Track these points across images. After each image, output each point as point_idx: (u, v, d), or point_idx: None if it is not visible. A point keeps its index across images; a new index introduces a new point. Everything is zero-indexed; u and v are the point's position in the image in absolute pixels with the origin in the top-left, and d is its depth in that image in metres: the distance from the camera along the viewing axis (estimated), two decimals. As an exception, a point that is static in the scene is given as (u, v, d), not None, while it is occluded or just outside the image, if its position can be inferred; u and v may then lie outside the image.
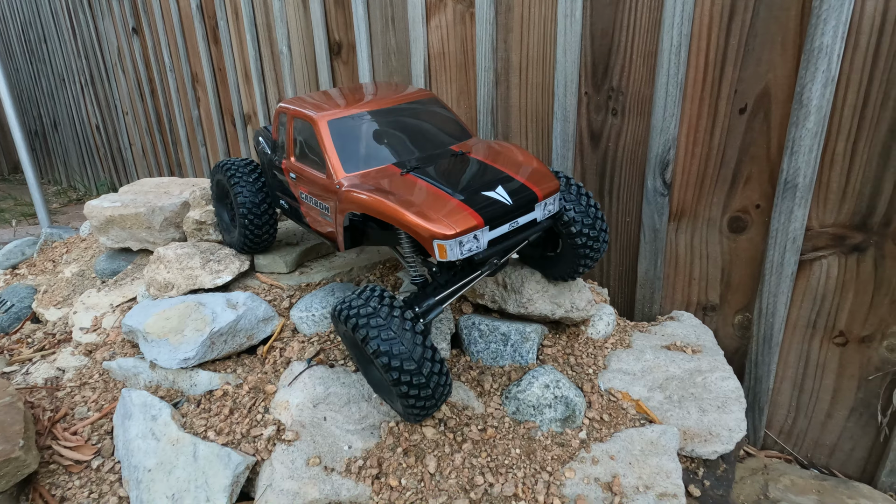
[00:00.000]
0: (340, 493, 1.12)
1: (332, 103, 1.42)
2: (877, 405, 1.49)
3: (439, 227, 1.04)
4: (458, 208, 1.07)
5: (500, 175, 1.19)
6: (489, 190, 1.13)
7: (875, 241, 1.40)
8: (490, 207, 1.10)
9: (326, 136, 1.31)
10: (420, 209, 1.07)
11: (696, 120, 1.61)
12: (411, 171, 1.22)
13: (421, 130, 1.40)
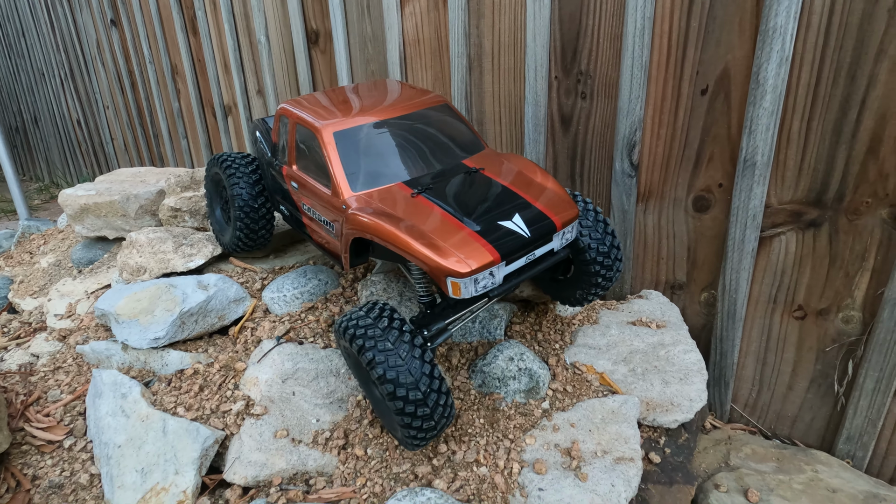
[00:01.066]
0: (307, 464, 1.14)
1: (338, 109, 1.33)
2: (834, 376, 1.55)
3: (454, 264, 0.98)
4: (473, 242, 1.01)
5: (517, 201, 1.13)
6: (506, 219, 1.07)
7: (829, 217, 1.45)
8: (507, 240, 1.04)
9: (332, 149, 1.22)
10: (432, 241, 1.01)
11: (661, 101, 1.65)
12: (423, 193, 1.15)
13: (432, 142, 1.31)
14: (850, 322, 1.49)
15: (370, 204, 1.15)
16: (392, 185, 1.20)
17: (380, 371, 0.99)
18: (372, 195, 1.18)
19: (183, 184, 2.01)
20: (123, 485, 1.14)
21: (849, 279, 1.46)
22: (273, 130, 1.50)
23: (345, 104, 1.38)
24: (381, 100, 1.40)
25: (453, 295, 1.00)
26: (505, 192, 1.16)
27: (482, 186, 1.19)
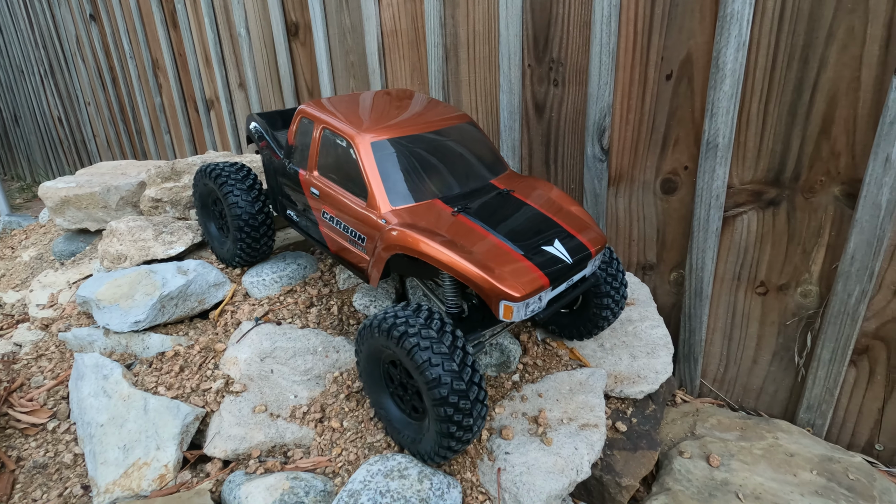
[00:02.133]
0: (285, 436, 1.19)
1: (368, 118, 1.30)
2: (794, 348, 1.62)
3: (509, 288, 0.98)
4: (525, 266, 1.02)
5: (554, 226, 1.15)
6: (549, 244, 1.09)
7: (787, 196, 1.52)
8: (553, 267, 1.05)
9: (369, 160, 1.19)
10: (487, 265, 1.00)
11: (629, 87, 1.71)
12: (463, 212, 1.14)
13: (463, 160, 1.30)
14: (808, 296, 1.56)
15: (412, 220, 1.12)
16: (430, 202, 1.17)
17: (434, 373, 0.95)
18: (411, 211, 1.15)
19: (163, 174, 2.04)
20: (106, 461, 1.18)
21: (806, 255, 1.53)
22: (290, 132, 1.42)
23: (374, 113, 1.34)
24: (411, 112, 1.37)
25: (504, 318, 1.01)
26: (540, 216, 1.17)
27: (517, 209, 1.19)
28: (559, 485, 1.05)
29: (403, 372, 1.07)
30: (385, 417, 1.14)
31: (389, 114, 1.34)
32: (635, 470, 1.26)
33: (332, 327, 1.46)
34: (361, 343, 1.11)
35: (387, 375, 1.13)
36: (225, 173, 1.52)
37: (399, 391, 1.11)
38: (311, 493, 1.04)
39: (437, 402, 0.96)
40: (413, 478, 1.03)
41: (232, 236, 1.53)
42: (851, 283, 1.45)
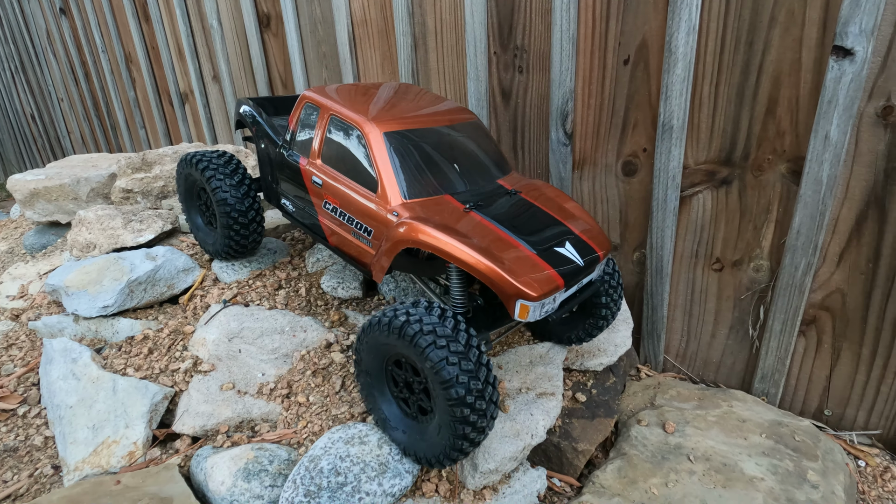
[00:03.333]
0: (252, 412, 1.23)
1: (378, 108, 1.25)
2: (749, 321, 1.70)
3: (527, 287, 0.97)
4: (541, 266, 1.02)
5: (564, 229, 1.15)
6: (560, 246, 1.10)
7: (738, 174, 1.59)
8: (566, 268, 1.05)
9: (381, 151, 1.15)
10: (503, 262, 0.99)
11: (589, 72, 1.76)
12: (475, 209, 1.13)
13: (471, 158, 1.28)
14: (759, 270, 1.64)
15: (424, 215, 1.09)
16: (440, 197, 1.15)
17: (451, 373, 0.92)
18: (423, 205, 1.12)
19: (134, 165, 2.05)
20: (76, 440, 1.21)
21: (757, 231, 1.61)
22: (292, 119, 1.37)
23: (383, 103, 1.30)
24: (419, 106, 1.34)
25: (519, 317, 0.99)
26: (549, 218, 1.17)
27: (526, 210, 1.18)
28: (514, 448, 1.11)
29: (410, 371, 1.04)
30: (383, 420, 1.09)
31: (399, 105, 1.31)
32: (592, 436, 1.32)
33: (300, 308, 1.49)
34: (364, 341, 1.06)
35: (390, 376, 1.09)
36: (211, 163, 1.46)
37: (404, 392, 1.07)
38: (276, 462, 1.08)
39: (453, 403, 0.93)
40: (373, 444, 1.07)
41: (220, 229, 1.47)
42: (798, 256, 1.52)
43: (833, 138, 1.38)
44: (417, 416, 1.06)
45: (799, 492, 1.24)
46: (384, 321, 1.00)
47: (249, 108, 1.54)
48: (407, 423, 1.07)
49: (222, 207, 1.43)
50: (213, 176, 1.44)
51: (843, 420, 1.62)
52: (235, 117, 1.60)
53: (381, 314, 1.02)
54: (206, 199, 1.54)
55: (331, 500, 0.97)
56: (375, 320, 1.02)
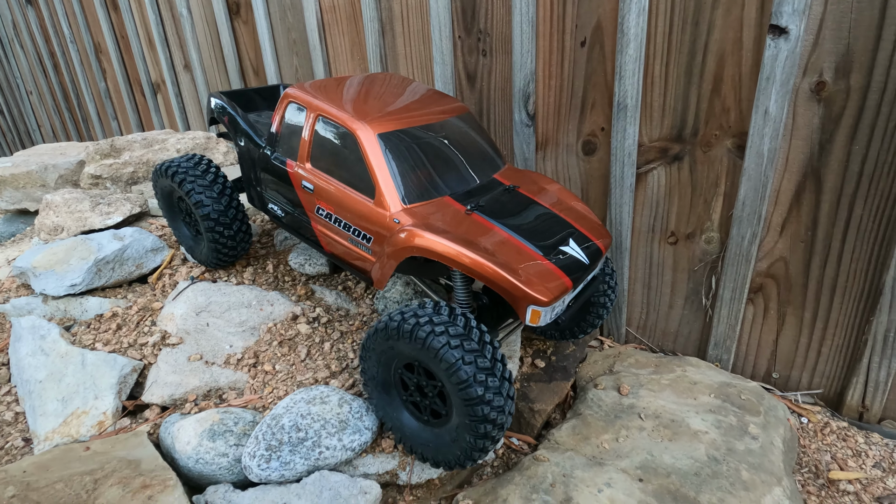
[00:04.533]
0: (219, 381, 1.28)
1: (368, 106, 1.20)
2: (702, 291, 1.80)
3: (538, 292, 0.96)
4: (549, 269, 1.01)
5: (566, 225, 1.15)
6: (565, 244, 1.09)
7: (689, 150, 1.68)
8: (573, 267, 1.05)
9: (376, 154, 1.10)
10: (513, 268, 0.98)
11: (549, 54, 1.83)
12: (476, 211, 1.11)
13: (467, 154, 1.25)
14: (711, 242, 1.73)
15: (427, 220, 1.06)
16: (440, 199, 1.12)
17: (468, 372, 0.91)
18: (424, 209, 1.09)
19: (102, 152, 2.07)
20: (45, 413, 1.25)
21: (707, 204, 1.70)
22: (275, 119, 1.29)
23: (372, 100, 1.25)
24: (410, 101, 1.29)
25: (531, 322, 0.99)
26: (549, 214, 1.16)
27: (526, 207, 1.17)
28: (468, 404, 1.17)
29: (423, 375, 1.02)
30: (398, 428, 1.08)
31: (389, 101, 1.26)
32: (548, 398, 1.40)
33: (268, 284, 1.54)
34: (370, 348, 1.04)
35: (400, 382, 1.07)
36: (182, 170, 1.40)
37: (416, 397, 1.06)
38: (240, 423, 1.14)
39: (471, 402, 0.92)
40: (333, 403, 1.13)
41: (206, 240, 1.42)
42: (744, 226, 1.62)
43: (772, 113, 1.47)
44: (431, 421, 1.05)
45: (739, 442, 1.34)
46: (392, 326, 0.98)
47: (222, 103, 1.48)
48: (423, 430, 1.06)
49: (203, 216, 1.38)
50: (193, 189, 1.37)
51: (790, 381, 1.73)
52: (208, 114, 1.55)
53: (389, 318, 0.99)
54: (188, 209, 1.49)
55: (291, 454, 1.03)
56: (383, 325, 1.00)
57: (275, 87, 1.82)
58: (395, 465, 1.12)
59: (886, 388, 1.54)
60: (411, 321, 0.96)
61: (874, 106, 1.36)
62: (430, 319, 0.95)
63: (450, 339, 0.93)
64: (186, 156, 1.46)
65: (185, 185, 1.38)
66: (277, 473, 1.02)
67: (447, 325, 0.95)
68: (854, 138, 1.41)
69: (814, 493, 1.40)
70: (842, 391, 1.62)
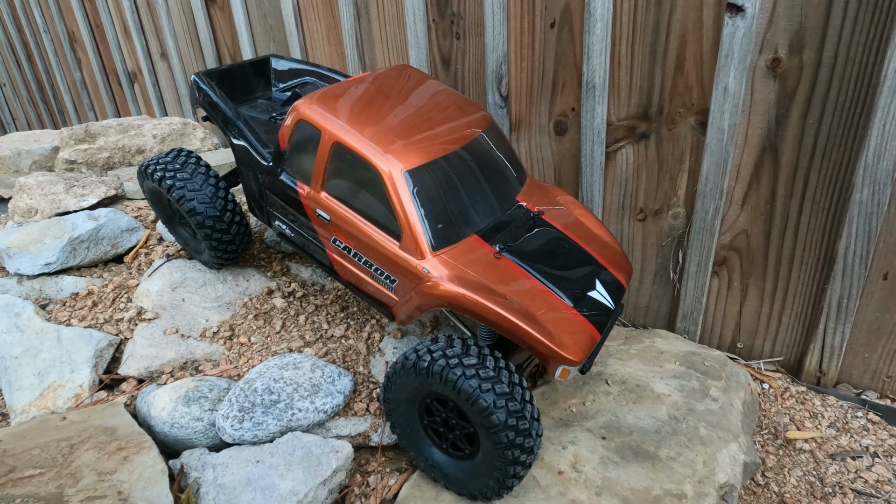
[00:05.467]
0: (195, 353, 1.31)
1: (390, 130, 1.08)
2: (670, 266, 1.86)
3: (570, 353, 0.97)
4: (578, 323, 1.01)
5: (592, 262, 1.13)
6: (592, 289, 1.08)
7: (655, 128, 1.74)
8: (600, 316, 1.05)
9: (405, 195, 1.02)
10: (545, 327, 0.97)
11: (520, 36, 1.88)
12: (504, 253, 1.07)
13: (492, 177, 1.19)
14: (677, 218, 1.80)
15: (458, 271, 1.02)
16: (469, 240, 1.08)
17: (487, 400, 0.92)
18: (454, 256, 1.04)
19: (77, 137, 2.07)
20: (22, 387, 1.27)
21: (673, 181, 1.76)
22: (282, 136, 1.16)
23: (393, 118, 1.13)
24: (434, 115, 1.19)
25: (559, 378, 1.00)
26: (575, 248, 1.15)
27: (552, 240, 1.15)
28: (437, 368, 1.22)
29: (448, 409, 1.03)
30: (432, 467, 1.08)
31: (412, 119, 1.14)
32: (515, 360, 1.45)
33: (244, 260, 1.57)
34: (392, 388, 1.04)
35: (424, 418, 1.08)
36: (169, 172, 1.27)
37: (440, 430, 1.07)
38: (215, 390, 1.17)
39: (495, 429, 0.92)
40: (306, 368, 1.17)
41: (202, 240, 1.34)
42: (707, 201, 1.68)
43: (731, 90, 1.53)
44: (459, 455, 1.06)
45: (700, 404, 1.41)
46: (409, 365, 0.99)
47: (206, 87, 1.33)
48: (452, 465, 1.07)
49: (202, 229, 1.28)
50: (183, 196, 1.26)
51: (753, 350, 1.80)
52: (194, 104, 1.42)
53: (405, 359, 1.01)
54: (181, 211, 1.36)
55: (264, 415, 1.07)
56: (401, 365, 1.02)
57: (264, 59, 1.66)
58: (368, 428, 1.17)
59: (841, 353, 1.62)
60: (426, 358, 0.98)
61: (825, 81, 1.43)
62: (444, 352, 0.97)
63: (464, 370, 0.94)
64: (170, 153, 1.34)
65: (173, 191, 1.27)
66: (250, 434, 1.06)
67: (461, 356, 0.96)
68: (808, 113, 1.48)
69: (772, 453, 1.47)
70: (801, 358, 1.70)
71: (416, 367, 0.98)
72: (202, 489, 0.99)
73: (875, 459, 1.43)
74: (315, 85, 1.67)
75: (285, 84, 1.65)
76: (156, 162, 1.31)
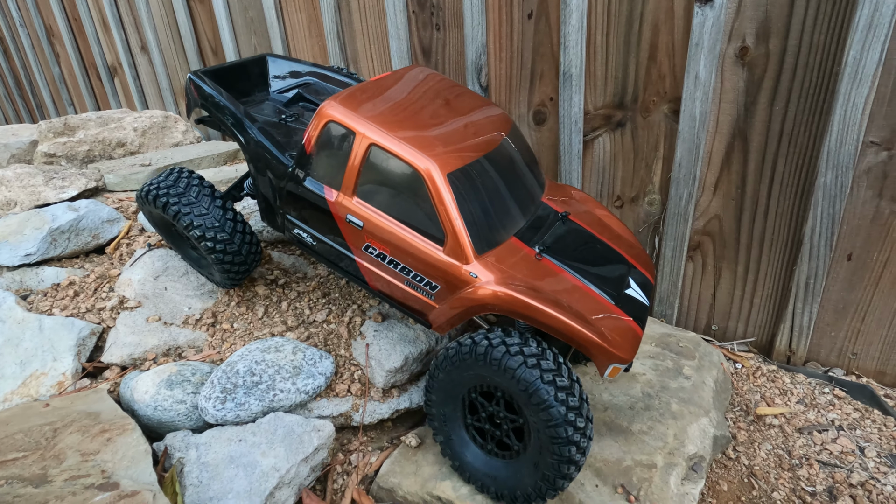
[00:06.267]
0: (178, 339, 1.33)
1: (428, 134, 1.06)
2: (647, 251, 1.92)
3: (622, 352, 0.98)
4: (624, 321, 1.02)
5: (623, 261, 1.15)
6: (628, 287, 1.10)
7: (630, 117, 1.79)
8: (640, 313, 1.07)
9: (448, 199, 1.00)
10: (598, 328, 0.98)
11: (498, 27, 1.91)
12: (545, 254, 1.07)
13: (521, 180, 1.18)
14: (653, 204, 1.85)
15: (505, 273, 1.01)
16: (509, 242, 1.07)
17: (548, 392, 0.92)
18: (498, 258, 1.04)
19: (56, 130, 2.06)
20: (4, 376, 1.28)
21: (648, 168, 1.82)
22: (308, 139, 1.11)
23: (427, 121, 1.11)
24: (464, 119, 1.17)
25: (609, 377, 1.01)
26: (605, 248, 1.16)
27: (584, 241, 1.16)
28: (416, 349, 1.26)
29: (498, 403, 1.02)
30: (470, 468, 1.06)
31: (445, 123, 1.13)
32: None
33: (226, 250, 1.59)
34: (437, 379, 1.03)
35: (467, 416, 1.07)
36: (171, 195, 1.22)
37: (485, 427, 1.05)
38: (198, 374, 1.19)
39: (553, 424, 0.92)
40: (288, 351, 1.20)
41: (212, 262, 1.29)
42: (681, 187, 1.74)
43: (702, 78, 1.59)
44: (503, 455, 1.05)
45: (673, 382, 1.46)
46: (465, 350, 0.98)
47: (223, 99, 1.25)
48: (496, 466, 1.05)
49: (203, 243, 1.22)
50: (178, 209, 1.21)
51: (727, 332, 1.87)
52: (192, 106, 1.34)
53: (459, 345, 1.00)
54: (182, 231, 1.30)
55: (246, 396, 1.10)
56: (454, 351, 1.00)
57: (261, 58, 1.59)
58: (349, 408, 1.20)
59: (809, 333, 1.69)
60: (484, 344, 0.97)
61: (790, 69, 1.49)
62: (503, 341, 0.97)
63: (526, 359, 0.93)
64: (169, 175, 1.28)
65: (180, 217, 1.22)
66: (233, 414, 1.08)
67: (521, 345, 0.96)
68: (774, 100, 1.54)
69: (743, 428, 1.53)
70: (772, 338, 1.77)
71: (473, 352, 0.96)
72: (186, 468, 1.02)
73: (840, 432, 1.50)
74: (317, 85, 1.59)
75: (285, 84, 1.59)
76: (156, 186, 1.25)
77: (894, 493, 1.32)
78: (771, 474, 1.39)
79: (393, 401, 1.24)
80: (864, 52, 1.35)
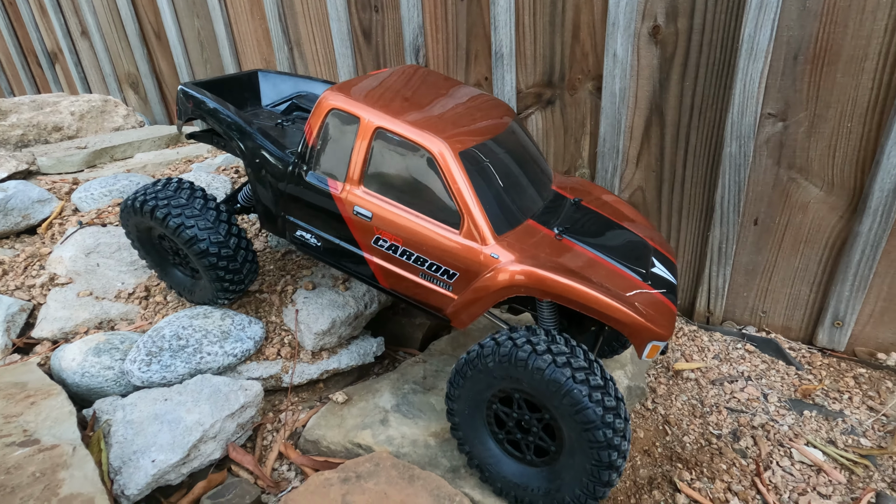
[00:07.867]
0: (110, 313, 1.36)
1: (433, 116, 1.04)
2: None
3: (662, 329, 0.93)
4: (657, 298, 0.98)
5: (641, 242, 1.13)
6: (654, 266, 1.07)
7: (559, 94, 1.88)
8: (671, 291, 1.05)
9: (461, 177, 0.96)
10: (634, 304, 0.93)
11: (434, 8, 1.98)
12: (566, 235, 1.04)
13: (531, 165, 1.17)
14: (583, 178, 1.96)
15: (527, 253, 0.97)
16: (526, 224, 1.04)
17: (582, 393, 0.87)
18: (518, 239, 0.99)
19: (-14, 113, 2.03)
20: (-72, 354, 1.28)
21: (577, 143, 1.92)
22: (309, 130, 1.08)
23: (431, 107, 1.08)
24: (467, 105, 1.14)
25: (647, 357, 0.95)
26: (625, 231, 1.14)
27: (601, 224, 1.14)
28: (343, 313, 1.33)
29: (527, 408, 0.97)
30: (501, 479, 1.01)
31: (449, 108, 1.10)
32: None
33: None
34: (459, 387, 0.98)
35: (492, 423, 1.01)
36: (162, 202, 1.15)
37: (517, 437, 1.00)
38: (126, 342, 1.23)
39: (590, 427, 0.86)
40: (216, 317, 1.25)
41: (207, 276, 1.21)
42: (606, 161, 1.85)
43: (620, 56, 1.69)
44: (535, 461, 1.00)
45: (594, 340, 1.57)
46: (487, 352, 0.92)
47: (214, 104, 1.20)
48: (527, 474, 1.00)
49: (206, 260, 1.16)
50: (172, 217, 1.13)
51: (654, 298, 1.99)
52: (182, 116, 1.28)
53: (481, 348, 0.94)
54: (172, 245, 1.25)
55: (172, 359, 1.15)
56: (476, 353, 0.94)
57: (252, 73, 1.56)
58: (279, 370, 1.26)
59: (724, 294, 1.83)
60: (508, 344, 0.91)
61: (697, 46, 1.61)
62: (529, 340, 0.92)
63: (555, 358, 0.88)
64: (160, 182, 1.22)
65: (169, 219, 1.14)
66: (159, 375, 1.13)
67: (549, 343, 0.90)
68: (685, 76, 1.66)
69: (664, 383, 1.66)
70: (693, 300, 1.91)
71: (496, 354, 0.91)
72: (112, 428, 1.06)
73: (748, 382, 1.64)
74: (309, 96, 1.55)
75: (277, 97, 1.57)
76: (153, 196, 1.18)
77: (789, 432, 1.46)
78: (684, 421, 1.52)
79: (322, 362, 1.30)
80: (757, 30, 1.47)
